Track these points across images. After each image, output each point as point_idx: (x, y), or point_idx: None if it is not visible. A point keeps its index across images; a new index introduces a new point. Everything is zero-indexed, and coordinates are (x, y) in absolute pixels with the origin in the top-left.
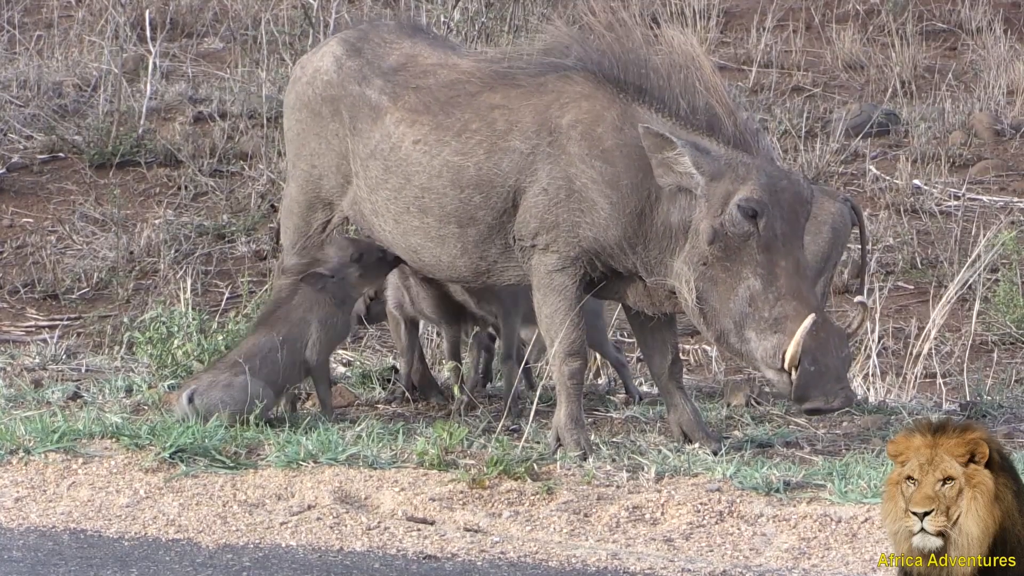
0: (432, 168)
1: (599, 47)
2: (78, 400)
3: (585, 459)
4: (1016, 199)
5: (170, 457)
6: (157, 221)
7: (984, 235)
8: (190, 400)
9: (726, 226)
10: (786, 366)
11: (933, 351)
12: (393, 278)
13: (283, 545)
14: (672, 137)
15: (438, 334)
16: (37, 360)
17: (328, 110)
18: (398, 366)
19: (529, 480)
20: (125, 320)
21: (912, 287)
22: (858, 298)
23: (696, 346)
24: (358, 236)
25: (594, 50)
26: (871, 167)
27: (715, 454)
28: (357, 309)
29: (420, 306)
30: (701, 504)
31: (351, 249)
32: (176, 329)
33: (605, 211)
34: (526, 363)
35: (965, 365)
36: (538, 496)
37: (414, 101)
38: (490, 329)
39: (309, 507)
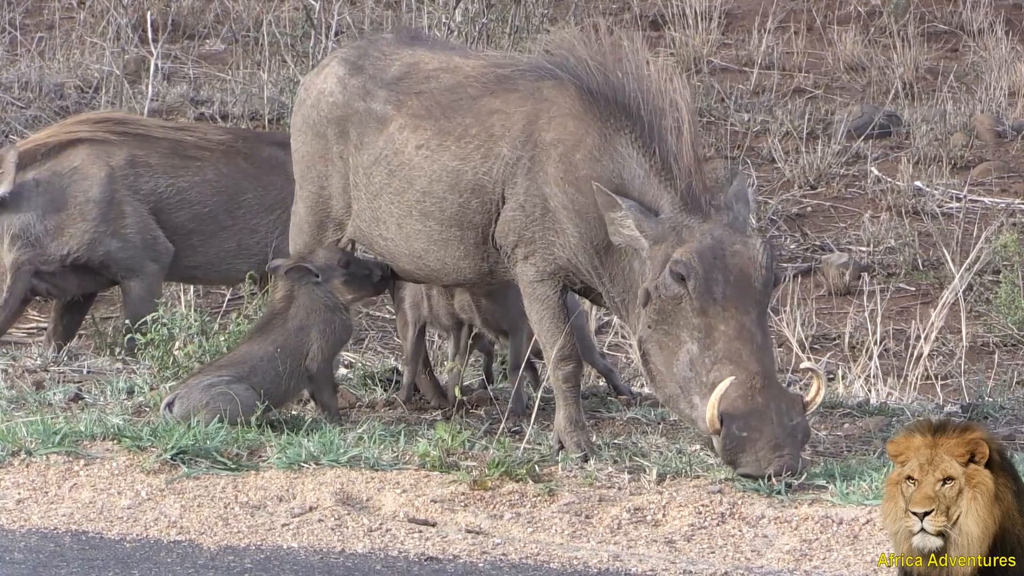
0: (432, 172)
1: (601, 65)
2: (79, 402)
3: (586, 461)
4: (1017, 201)
5: (172, 459)
6: None
7: (983, 236)
8: (168, 408)
9: (659, 288)
10: (709, 428)
11: (933, 353)
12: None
13: (285, 547)
14: (618, 199)
15: (439, 336)
16: (39, 362)
17: (334, 132)
18: (400, 367)
19: (531, 482)
20: (127, 322)
21: (913, 289)
22: (805, 363)
23: None
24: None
25: (595, 67)
26: (872, 169)
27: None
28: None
29: (437, 311)
30: (703, 506)
31: (340, 255)
32: (178, 331)
33: (575, 238)
34: (529, 361)
35: (962, 367)
36: (540, 498)
37: (417, 106)
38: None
39: (311, 509)
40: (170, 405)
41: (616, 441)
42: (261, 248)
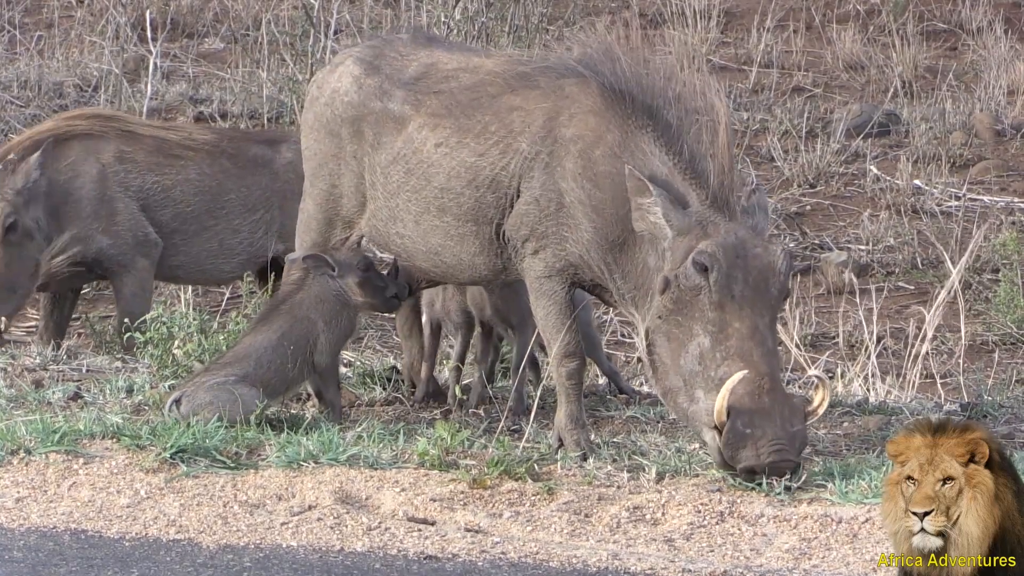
0: (451, 169)
1: (627, 65)
2: (79, 400)
3: (585, 459)
4: (1016, 199)
5: (171, 457)
6: None
7: (980, 234)
8: (175, 405)
9: (680, 278)
10: (715, 420)
11: (932, 352)
12: None
13: (284, 545)
14: (649, 185)
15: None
16: (38, 360)
17: (348, 131)
18: (399, 366)
19: (530, 480)
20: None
21: (912, 287)
22: (813, 371)
23: None
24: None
25: (621, 67)
26: (872, 167)
27: None
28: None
29: (448, 308)
30: (702, 504)
31: (361, 258)
32: (177, 330)
33: (589, 233)
34: (532, 356)
35: (962, 365)
36: (539, 496)
37: (436, 105)
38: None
39: (310, 507)
40: (177, 402)
41: (615, 440)
42: (244, 248)
